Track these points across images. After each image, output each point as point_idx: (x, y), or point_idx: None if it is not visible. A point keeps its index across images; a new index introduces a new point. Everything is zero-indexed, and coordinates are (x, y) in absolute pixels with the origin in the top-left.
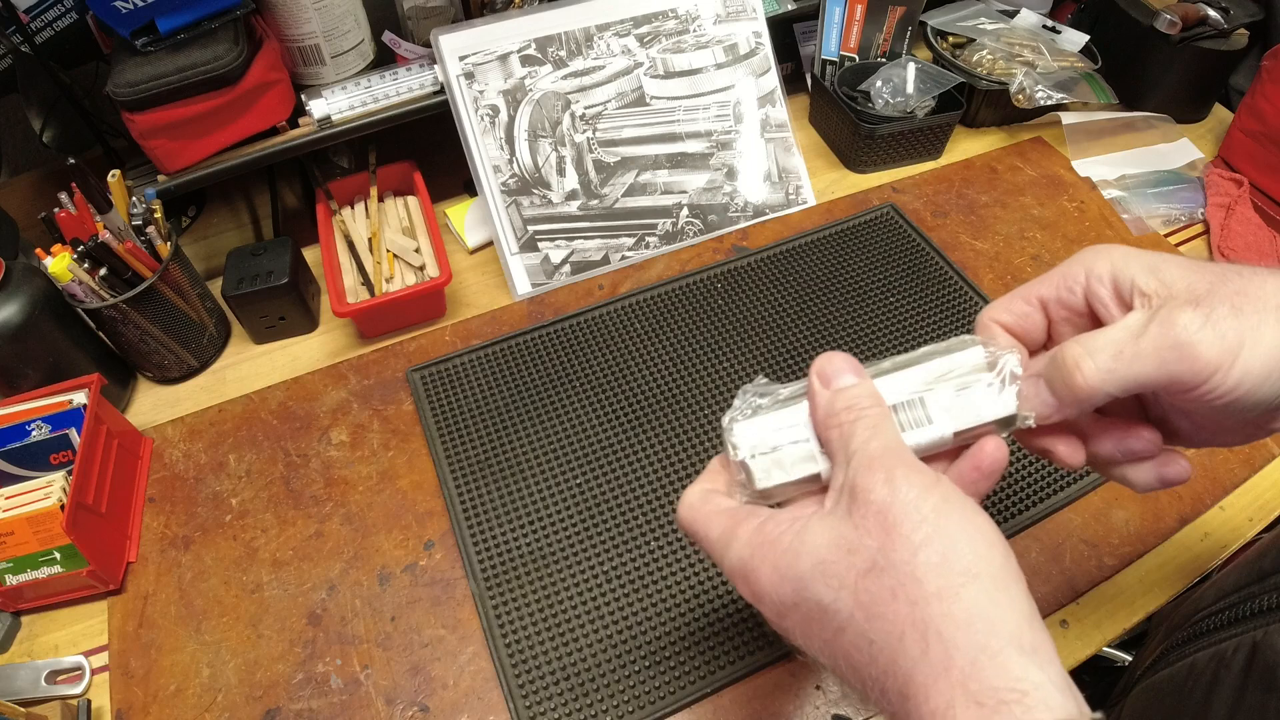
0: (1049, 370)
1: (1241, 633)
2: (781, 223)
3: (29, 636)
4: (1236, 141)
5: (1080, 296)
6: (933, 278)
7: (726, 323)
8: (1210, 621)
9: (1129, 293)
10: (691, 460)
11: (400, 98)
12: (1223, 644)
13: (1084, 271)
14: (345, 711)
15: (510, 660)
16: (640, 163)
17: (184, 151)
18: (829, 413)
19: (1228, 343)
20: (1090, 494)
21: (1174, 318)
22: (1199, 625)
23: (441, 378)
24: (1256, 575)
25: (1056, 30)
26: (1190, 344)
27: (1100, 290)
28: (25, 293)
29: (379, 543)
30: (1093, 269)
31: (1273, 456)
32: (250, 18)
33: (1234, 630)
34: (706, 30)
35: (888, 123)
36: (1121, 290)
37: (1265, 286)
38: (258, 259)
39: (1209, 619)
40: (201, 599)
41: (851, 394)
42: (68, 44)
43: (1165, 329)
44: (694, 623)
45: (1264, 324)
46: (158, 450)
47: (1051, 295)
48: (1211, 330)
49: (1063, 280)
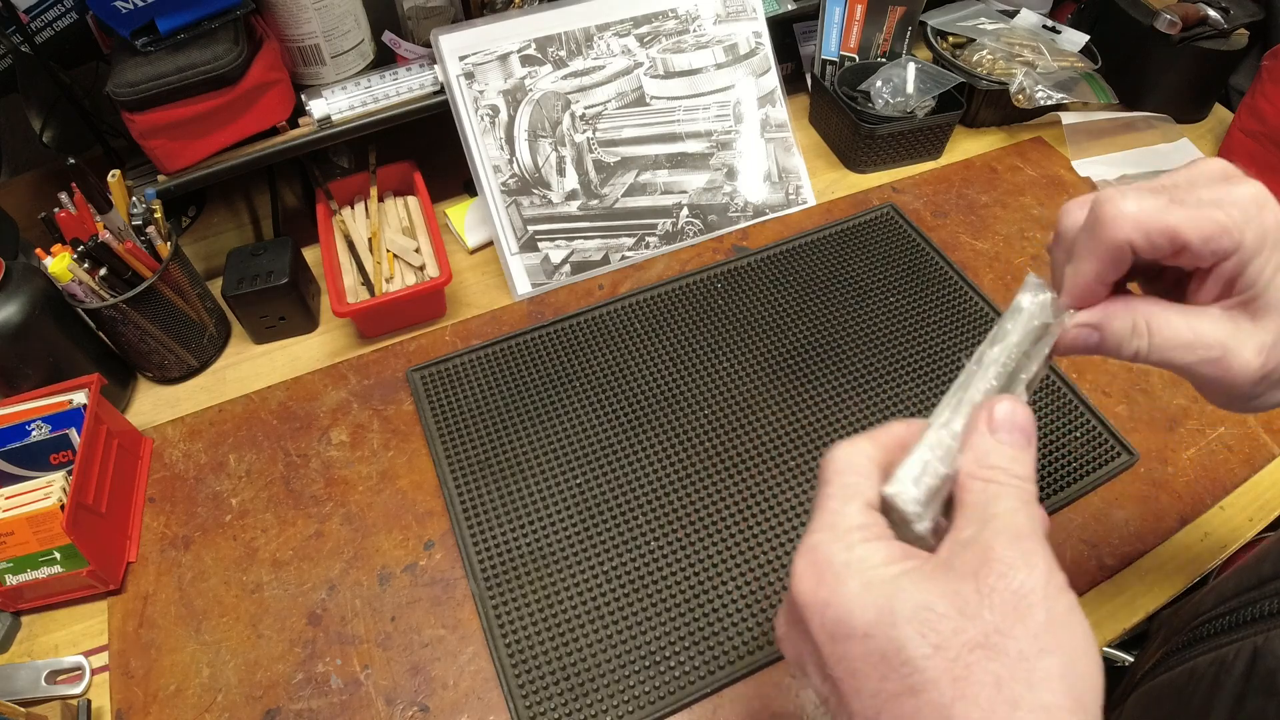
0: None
1: (1242, 638)
2: (781, 223)
3: (29, 636)
4: (1236, 141)
5: (1227, 240)
6: (933, 278)
7: (726, 323)
8: (1210, 626)
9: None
10: (691, 460)
11: (400, 98)
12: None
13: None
14: (345, 711)
15: (510, 660)
16: (640, 163)
17: (184, 151)
18: (983, 463)
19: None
20: (1090, 494)
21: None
22: (1199, 630)
23: (441, 378)
24: (1256, 580)
25: (1056, 30)
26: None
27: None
28: (25, 293)
29: (379, 543)
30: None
31: (1273, 456)
32: (250, 18)
33: (1235, 635)
34: (706, 30)
35: (888, 123)
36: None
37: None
38: (258, 259)
39: (1209, 624)
40: (201, 599)
41: (1010, 457)
42: (68, 44)
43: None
44: (694, 623)
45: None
46: (158, 450)
47: (1196, 234)
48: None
49: (1215, 233)
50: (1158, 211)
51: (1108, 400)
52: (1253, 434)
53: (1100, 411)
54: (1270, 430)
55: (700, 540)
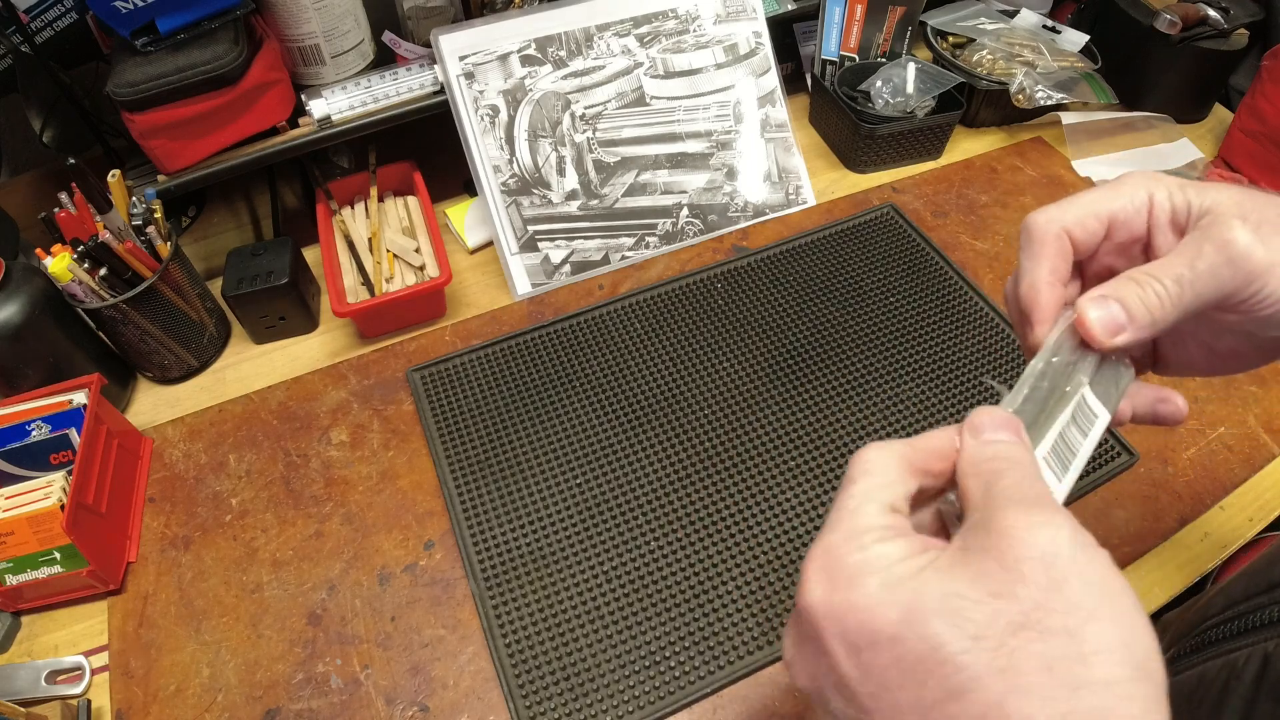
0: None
1: (1253, 643)
2: (781, 223)
3: (29, 636)
4: (1236, 141)
5: (1143, 222)
6: (933, 278)
7: (726, 323)
8: (1219, 631)
9: (1184, 217)
10: (691, 460)
11: (400, 98)
12: (1233, 654)
13: (1147, 195)
14: (345, 711)
15: (510, 660)
16: (640, 163)
17: (184, 151)
18: (973, 461)
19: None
20: (1090, 494)
21: (1229, 233)
22: (1208, 634)
23: (441, 378)
24: (1266, 584)
25: (1056, 30)
26: (1245, 255)
27: (1161, 218)
28: (25, 293)
29: (379, 543)
30: (1154, 194)
31: (1273, 456)
32: (250, 18)
33: (1245, 641)
34: (706, 30)
35: (888, 123)
36: (1178, 216)
37: None
38: (258, 259)
39: (1217, 628)
40: (201, 599)
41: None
42: (68, 44)
43: (1221, 244)
44: (694, 623)
45: None
46: (158, 450)
47: (1121, 216)
48: (1262, 243)
49: (1131, 200)
50: (1073, 201)
51: None
52: (1253, 434)
53: None
54: (1270, 430)
55: (700, 540)
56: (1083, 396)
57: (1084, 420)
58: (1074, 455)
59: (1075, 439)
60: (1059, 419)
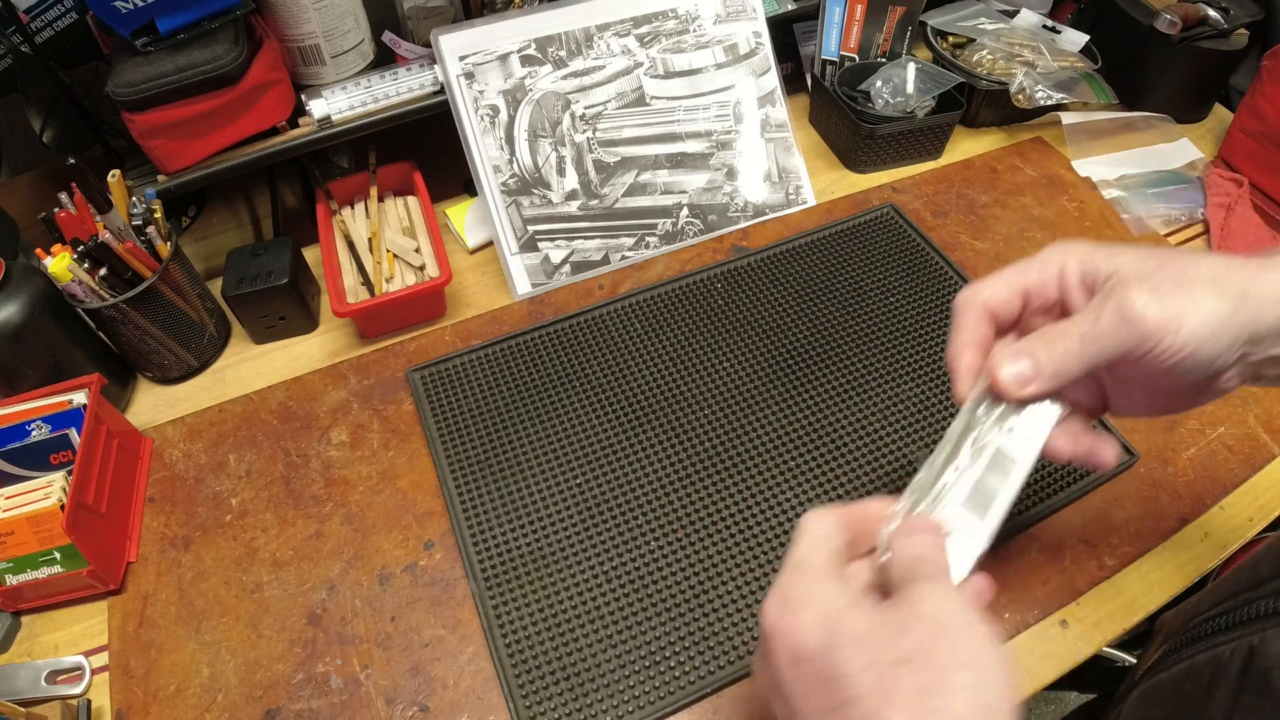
0: (1033, 346)
1: (1239, 637)
2: (781, 223)
3: (29, 636)
4: (1236, 141)
5: (1055, 288)
6: (933, 278)
7: (726, 323)
8: (1208, 625)
9: (1093, 281)
10: (691, 460)
11: (400, 98)
12: (1220, 648)
13: (1059, 266)
14: (345, 711)
15: (510, 660)
16: (640, 163)
17: (184, 151)
18: (900, 550)
19: (1171, 312)
20: (1090, 494)
21: (1126, 295)
22: (1197, 629)
23: (441, 378)
24: (1254, 581)
25: (1056, 30)
26: (1140, 316)
27: (1071, 282)
28: (25, 293)
29: (379, 543)
30: (1065, 264)
31: (1273, 456)
32: (250, 18)
33: (1231, 635)
34: (706, 30)
35: (888, 123)
36: (1087, 280)
37: (1201, 265)
38: (258, 259)
39: (1207, 623)
40: (201, 599)
41: (923, 547)
42: (68, 44)
43: (1119, 306)
44: (694, 623)
45: (1202, 294)
46: (158, 450)
47: (1034, 286)
48: (1157, 303)
49: (1042, 272)
50: (996, 277)
51: None
52: (1253, 434)
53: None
54: (1270, 430)
55: (700, 540)
56: (999, 448)
57: (1001, 467)
58: (993, 498)
59: (993, 484)
60: (977, 468)
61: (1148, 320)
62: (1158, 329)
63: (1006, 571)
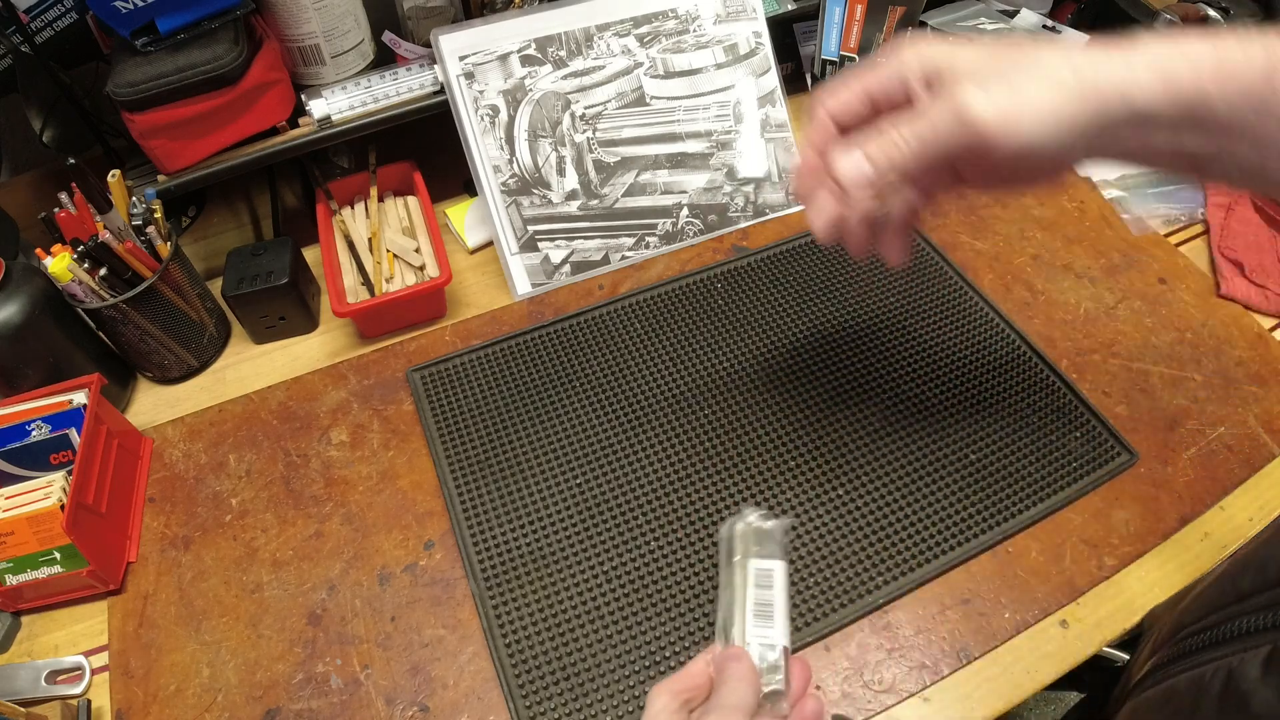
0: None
1: (1220, 657)
2: (781, 223)
3: (29, 636)
4: None
5: (901, 89)
6: (932, 278)
7: (726, 323)
8: (1191, 642)
9: (935, 79)
10: (691, 460)
11: (400, 98)
12: (1201, 668)
13: (901, 65)
14: (345, 711)
15: (510, 660)
16: (640, 163)
17: (184, 151)
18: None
19: (1006, 111)
20: (1090, 494)
21: (961, 94)
22: (1182, 645)
23: (441, 378)
24: (1235, 595)
25: (1056, 30)
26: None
27: (914, 81)
28: (25, 293)
29: (379, 543)
30: (907, 63)
31: (1273, 456)
32: (250, 18)
33: (1213, 654)
34: (706, 30)
35: None
36: (930, 78)
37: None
38: (258, 259)
39: (1191, 639)
40: (201, 599)
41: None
42: (68, 44)
43: (953, 105)
44: (694, 623)
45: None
46: (158, 450)
47: (880, 87)
48: (991, 102)
49: (886, 72)
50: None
51: (1108, 400)
52: (1253, 434)
53: (1100, 411)
54: (1270, 430)
55: (700, 540)
56: (753, 569)
57: (764, 580)
58: (772, 606)
59: (765, 596)
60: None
61: (984, 119)
62: (994, 128)
63: (1007, 571)
